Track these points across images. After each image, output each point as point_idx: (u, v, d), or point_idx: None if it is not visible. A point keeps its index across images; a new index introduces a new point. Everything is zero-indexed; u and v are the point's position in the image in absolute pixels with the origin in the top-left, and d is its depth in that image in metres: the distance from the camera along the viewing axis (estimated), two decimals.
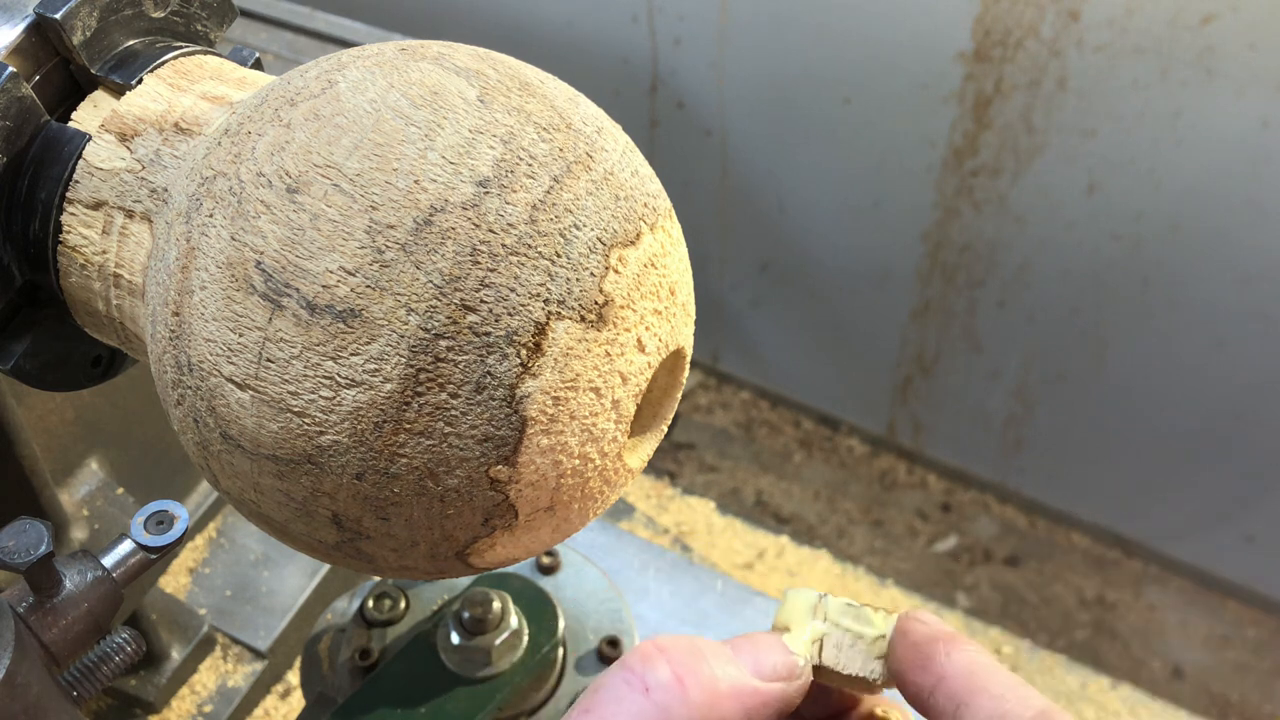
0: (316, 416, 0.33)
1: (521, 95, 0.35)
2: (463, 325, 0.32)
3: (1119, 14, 1.08)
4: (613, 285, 0.34)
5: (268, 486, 0.35)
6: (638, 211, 0.36)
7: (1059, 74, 1.15)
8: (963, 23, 1.16)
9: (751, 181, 1.44)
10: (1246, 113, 1.07)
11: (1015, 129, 1.21)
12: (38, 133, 0.39)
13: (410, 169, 0.33)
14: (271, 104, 0.36)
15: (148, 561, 0.42)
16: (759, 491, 1.62)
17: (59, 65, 0.40)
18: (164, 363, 0.36)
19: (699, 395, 1.73)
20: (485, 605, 0.57)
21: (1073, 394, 1.39)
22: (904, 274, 1.42)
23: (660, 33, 1.35)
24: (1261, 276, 1.17)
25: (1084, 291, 1.29)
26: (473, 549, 0.36)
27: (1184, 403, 1.31)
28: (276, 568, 0.93)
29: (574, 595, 0.63)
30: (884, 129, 1.30)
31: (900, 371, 1.53)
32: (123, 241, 0.39)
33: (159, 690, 0.85)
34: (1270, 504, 1.33)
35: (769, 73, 1.32)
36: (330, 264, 0.32)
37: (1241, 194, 1.13)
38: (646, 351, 0.36)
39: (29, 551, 0.38)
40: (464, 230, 0.32)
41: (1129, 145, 1.15)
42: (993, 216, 1.30)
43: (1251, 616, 1.41)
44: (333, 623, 0.63)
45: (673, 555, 0.79)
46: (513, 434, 0.33)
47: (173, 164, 0.39)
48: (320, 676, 0.62)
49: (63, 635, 0.40)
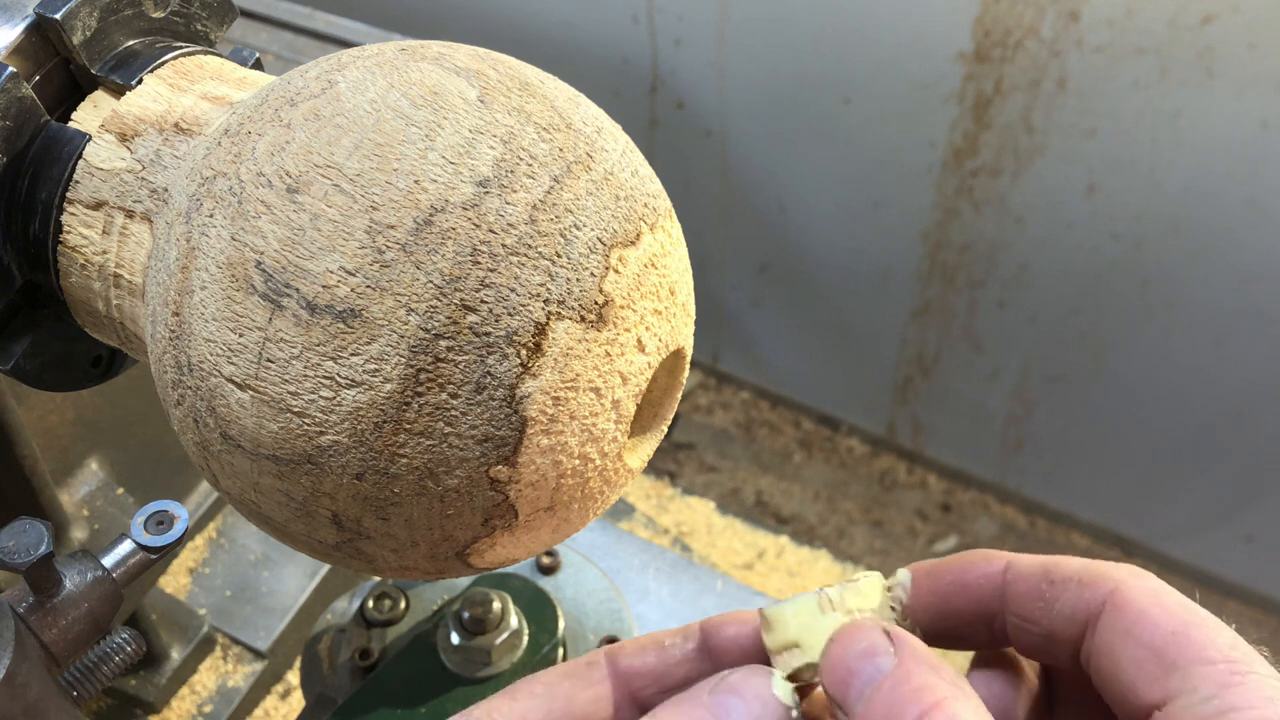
0: (316, 416, 0.33)
1: (522, 95, 0.35)
2: (463, 325, 0.32)
3: (1119, 14, 1.08)
4: (613, 285, 0.34)
5: (268, 486, 0.35)
6: (638, 211, 0.36)
7: (1059, 74, 1.15)
8: (963, 23, 1.16)
9: (751, 181, 1.44)
10: (1246, 113, 1.07)
11: (1015, 129, 1.21)
12: (38, 133, 0.39)
13: (410, 169, 0.33)
14: (272, 104, 0.36)
15: (148, 561, 0.42)
16: (759, 491, 1.62)
17: (59, 65, 0.40)
18: (164, 363, 0.36)
19: (699, 395, 1.73)
20: (485, 605, 0.57)
21: (1073, 394, 1.39)
22: (904, 274, 1.42)
23: (660, 33, 1.35)
24: (1261, 276, 1.17)
25: (1084, 291, 1.29)
26: (473, 549, 0.36)
27: (1183, 403, 1.31)
28: (276, 568, 0.93)
29: (574, 595, 0.63)
30: (884, 129, 1.30)
31: (900, 371, 1.53)
32: (123, 241, 0.39)
33: (159, 690, 0.85)
34: (1270, 504, 1.33)
35: (769, 73, 1.32)
36: (330, 264, 0.32)
37: (1241, 194, 1.13)
38: (646, 351, 0.36)
39: (29, 551, 0.38)
40: (464, 230, 0.32)
41: (1129, 145, 1.15)
42: (993, 216, 1.30)
43: (1251, 616, 1.41)
44: (333, 623, 0.63)
45: (673, 555, 0.79)
46: (513, 434, 0.33)
47: (173, 164, 0.39)
48: (320, 676, 0.62)
49: (63, 635, 0.40)
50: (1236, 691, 0.28)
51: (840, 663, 0.32)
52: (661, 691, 0.36)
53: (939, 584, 0.35)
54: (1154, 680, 0.30)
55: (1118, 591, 0.32)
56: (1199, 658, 0.29)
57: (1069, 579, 0.33)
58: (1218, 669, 0.29)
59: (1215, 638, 0.30)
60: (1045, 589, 0.33)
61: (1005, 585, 0.34)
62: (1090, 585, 0.32)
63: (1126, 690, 0.31)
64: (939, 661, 0.31)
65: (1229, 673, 0.29)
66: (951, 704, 0.29)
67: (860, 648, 0.32)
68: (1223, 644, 0.30)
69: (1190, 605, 0.31)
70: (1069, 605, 0.32)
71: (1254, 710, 0.28)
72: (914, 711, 0.29)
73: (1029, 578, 0.34)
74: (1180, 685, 0.29)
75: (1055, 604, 0.33)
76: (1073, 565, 0.33)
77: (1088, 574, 0.32)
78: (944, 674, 0.30)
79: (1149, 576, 0.32)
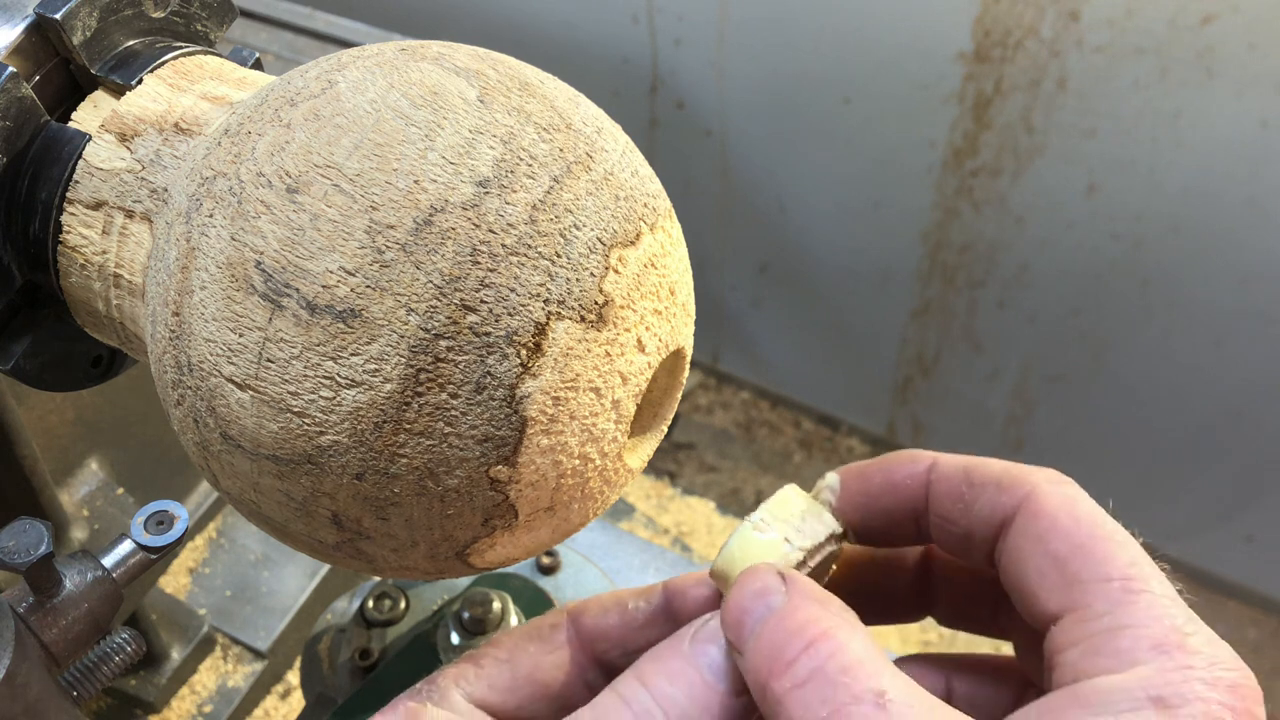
0: (316, 416, 0.33)
1: (521, 95, 0.35)
2: (463, 325, 0.32)
3: (1119, 14, 1.08)
4: (613, 285, 0.34)
5: (268, 486, 0.35)
6: (638, 211, 0.36)
7: (1059, 74, 1.15)
8: (963, 23, 1.17)
9: (751, 181, 1.44)
10: (1246, 113, 1.07)
11: (1015, 129, 1.21)
12: (38, 133, 0.39)
13: (410, 169, 0.33)
14: (271, 104, 0.36)
15: (148, 561, 0.42)
16: (759, 491, 1.62)
17: (59, 65, 0.40)
18: (164, 363, 0.36)
19: (699, 395, 1.73)
20: (485, 605, 0.57)
21: (1073, 394, 1.39)
22: (904, 274, 1.42)
23: (660, 33, 1.35)
24: (1261, 276, 1.17)
25: (1084, 291, 1.29)
26: (473, 549, 0.36)
27: (1183, 403, 1.31)
28: (276, 568, 0.93)
29: (574, 595, 0.63)
30: (884, 129, 1.30)
31: (900, 371, 1.53)
32: (123, 241, 0.39)
33: (159, 690, 0.85)
34: (1270, 504, 1.33)
35: (769, 73, 1.32)
36: (330, 264, 0.32)
37: (1241, 194, 1.13)
38: (646, 351, 0.36)
39: (29, 551, 0.38)
40: (464, 230, 0.32)
41: (1129, 145, 1.15)
42: (993, 216, 1.30)
43: (1251, 616, 1.41)
44: (333, 623, 0.63)
45: (673, 555, 0.79)
46: (513, 434, 0.33)
47: (173, 164, 0.39)
48: (320, 676, 0.62)
49: (63, 635, 0.40)
50: (1128, 610, 0.29)
51: (736, 605, 0.32)
52: (625, 654, 0.37)
53: (868, 485, 0.36)
54: (1054, 592, 0.31)
55: (1032, 497, 0.32)
56: (1097, 574, 0.30)
57: (988, 481, 0.33)
58: (1113, 586, 0.30)
59: (1117, 554, 0.31)
60: (965, 490, 0.34)
61: (929, 485, 0.35)
62: (1008, 489, 0.33)
63: (1031, 598, 0.31)
64: (827, 596, 0.32)
65: (1123, 590, 0.29)
66: (837, 633, 0.30)
67: (754, 589, 0.32)
68: (1123, 561, 0.30)
69: (1100, 517, 0.32)
70: (986, 507, 0.33)
71: (1143, 629, 0.29)
72: (799, 643, 0.30)
73: (951, 478, 0.34)
74: (1078, 600, 0.30)
75: (974, 505, 0.33)
76: (994, 468, 0.33)
77: (1007, 477, 0.33)
78: (831, 607, 0.31)
79: (1066, 483, 0.33)
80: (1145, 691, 0.27)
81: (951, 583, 0.38)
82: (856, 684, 0.28)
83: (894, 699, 0.27)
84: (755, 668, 0.30)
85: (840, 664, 0.28)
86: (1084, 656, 0.29)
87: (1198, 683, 0.27)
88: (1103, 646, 0.29)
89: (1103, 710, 0.27)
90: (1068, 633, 0.30)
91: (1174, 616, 0.29)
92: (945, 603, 0.38)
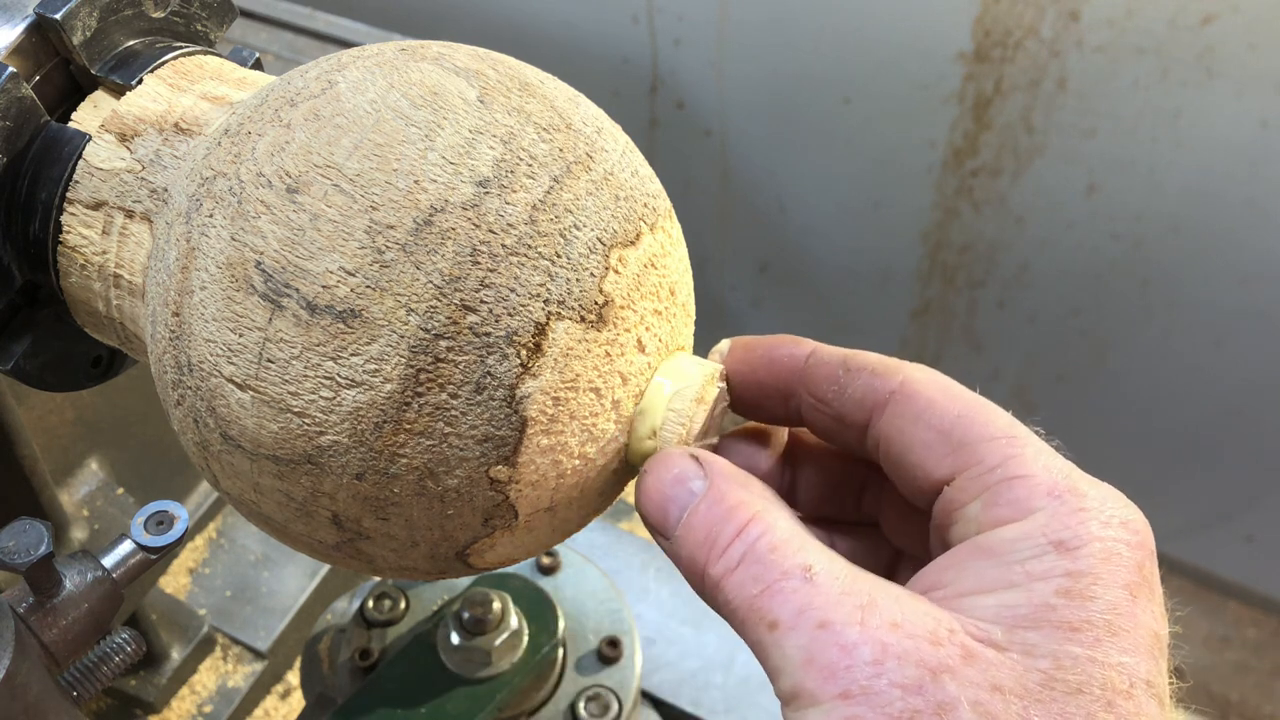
0: (316, 417, 0.33)
1: (521, 95, 0.35)
2: (463, 325, 0.32)
3: (1119, 14, 1.08)
4: (613, 285, 0.34)
5: (268, 487, 0.35)
6: (638, 212, 0.36)
7: (1059, 74, 1.15)
8: (963, 23, 1.16)
9: (751, 181, 1.44)
10: (1246, 113, 1.07)
11: (1015, 129, 1.21)
12: (38, 133, 0.39)
13: (410, 169, 0.33)
14: (271, 104, 0.36)
15: (148, 561, 0.42)
16: None
17: (59, 65, 0.40)
18: (164, 363, 0.36)
19: None
20: (485, 605, 0.57)
21: (1073, 394, 1.39)
22: (904, 274, 1.42)
23: (660, 33, 1.35)
24: (1261, 276, 1.17)
25: (1084, 291, 1.29)
26: (473, 549, 0.36)
27: (1183, 403, 1.31)
28: (276, 568, 0.93)
29: (574, 595, 0.63)
30: (884, 129, 1.30)
31: None
32: (123, 242, 0.39)
33: (159, 690, 0.85)
34: (1270, 504, 1.33)
35: (769, 73, 1.31)
36: (330, 264, 0.32)
37: (1241, 194, 1.13)
38: (646, 352, 0.36)
39: (29, 551, 0.38)
40: (464, 230, 0.32)
41: (1129, 145, 1.15)
42: (993, 216, 1.30)
43: (1251, 616, 1.41)
44: (333, 623, 0.63)
45: None
46: (513, 434, 0.33)
47: (173, 164, 0.39)
48: (320, 676, 0.62)
49: (63, 635, 0.40)
50: (1017, 461, 0.32)
51: (655, 491, 0.34)
52: None
53: (751, 356, 0.38)
54: (942, 458, 0.33)
55: (907, 382, 0.35)
56: (983, 435, 0.33)
57: (863, 368, 0.36)
58: (1000, 443, 0.32)
59: (996, 419, 0.33)
60: (841, 375, 0.36)
61: (806, 369, 0.37)
62: (882, 375, 0.35)
63: (916, 470, 0.34)
64: (748, 478, 0.34)
65: (1009, 444, 0.32)
66: (766, 515, 0.32)
67: (672, 474, 0.34)
68: (1003, 424, 0.33)
69: (972, 394, 0.34)
70: (859, 391, 0.35)
71: (1034, 479, 0.31)
72: (731, 529, 0.32)
73: (828, 364, 0.36)
74: (968, 459, 0.32)
75: (848, 389, 0.35)
76: (870, 358, 0.36)
77: (881, 366, 0.35)
78: (754, 489, 0.33)
79: (936, 372, 0.35)
80: (1046, 536, 0.30)
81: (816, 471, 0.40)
82: (785, 560, 0.30)
83: (819, 571, 0.30)
84: (689, 555, 0.32)
85: (769, 543, 0.31)
86: (984, 509, 0.31)
87: (1094, 523, 0.30)
88: (999, 497, 0.31)
89: (1009, 559, 0.30)
90: (964, 490, 0.32)
91: (1059, 465, 0.32)
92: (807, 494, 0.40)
